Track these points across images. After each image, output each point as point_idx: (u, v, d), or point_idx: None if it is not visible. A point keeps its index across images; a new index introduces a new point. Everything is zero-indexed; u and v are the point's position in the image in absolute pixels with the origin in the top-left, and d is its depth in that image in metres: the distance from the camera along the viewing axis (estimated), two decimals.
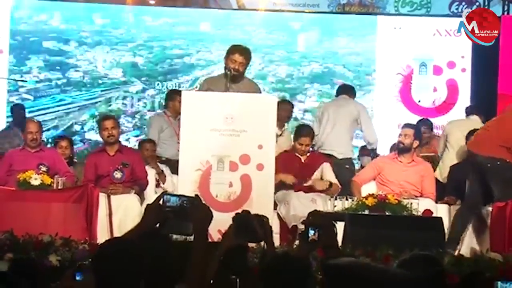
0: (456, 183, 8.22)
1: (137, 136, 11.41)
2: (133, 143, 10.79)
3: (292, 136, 8.86)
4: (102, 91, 11.64)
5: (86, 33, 11.70)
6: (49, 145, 9.93)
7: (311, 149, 8.55)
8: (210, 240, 6.93)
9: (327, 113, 9.09)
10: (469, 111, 9.40)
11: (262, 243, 4.39)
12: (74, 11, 11.74)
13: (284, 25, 11.78)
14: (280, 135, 8.89)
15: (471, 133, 8.09)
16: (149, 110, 11.52)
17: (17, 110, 10.63)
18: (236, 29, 11.63)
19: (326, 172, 8.30)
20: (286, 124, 9.47)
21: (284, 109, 9.38)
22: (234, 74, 7.54)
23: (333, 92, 11.04)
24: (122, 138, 10.66)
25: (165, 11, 11.83)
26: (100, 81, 11.63)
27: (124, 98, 11.62)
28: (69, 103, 11.59)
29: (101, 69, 11.65)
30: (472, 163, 7.63)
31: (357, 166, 9.69)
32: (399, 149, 8.26)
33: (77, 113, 11.38)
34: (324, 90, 11.63)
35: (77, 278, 3.95)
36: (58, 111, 11.52)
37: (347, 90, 9.50)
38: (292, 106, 10.05)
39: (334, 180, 8.23)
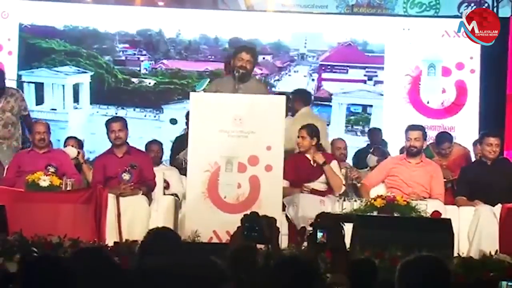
0: (466, 184, 8.21)
1: None
2: None
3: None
4: None
5: None
6: None
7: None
8: (218, 240, 6.97)
9: None
10: None
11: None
12: None
13: None
14: None
15: None
16: None
17: None
18: None
19: (333, 169, 8.24)
20: None
21: None
22: (242, 73, 7.56)
23: None
24: None
25: None
26: None
27: None
28: None
29: None
30: None
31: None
32: (412, 153, 8.19)
33: None
34: None
35: None
36: None
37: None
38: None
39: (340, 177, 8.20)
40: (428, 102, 11.63)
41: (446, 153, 9.30)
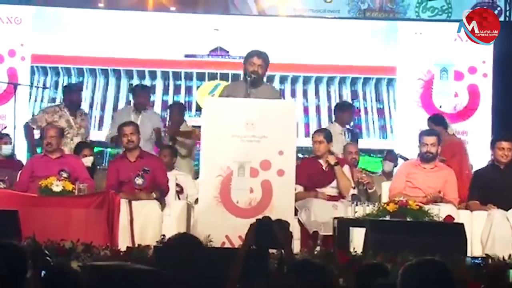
0: (479, 188, 8.18)
1: None
2: None
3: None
4: None
5: None
6: None
7: None
8: (230, 245, 6.98)
9: None
10: None
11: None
12: None
13: None
14: None
15: None
16: None
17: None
18: None
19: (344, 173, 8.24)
20: None
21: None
22: (254, 78, 7.58)
23: None
24: None
25: None
26: None
27: None
28: None
29: None
30: None
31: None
32: (428, 158, 8.16)
33: None
34: None
35: None
36: None
37: None
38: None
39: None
40: (440, 106, 11.61)
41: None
